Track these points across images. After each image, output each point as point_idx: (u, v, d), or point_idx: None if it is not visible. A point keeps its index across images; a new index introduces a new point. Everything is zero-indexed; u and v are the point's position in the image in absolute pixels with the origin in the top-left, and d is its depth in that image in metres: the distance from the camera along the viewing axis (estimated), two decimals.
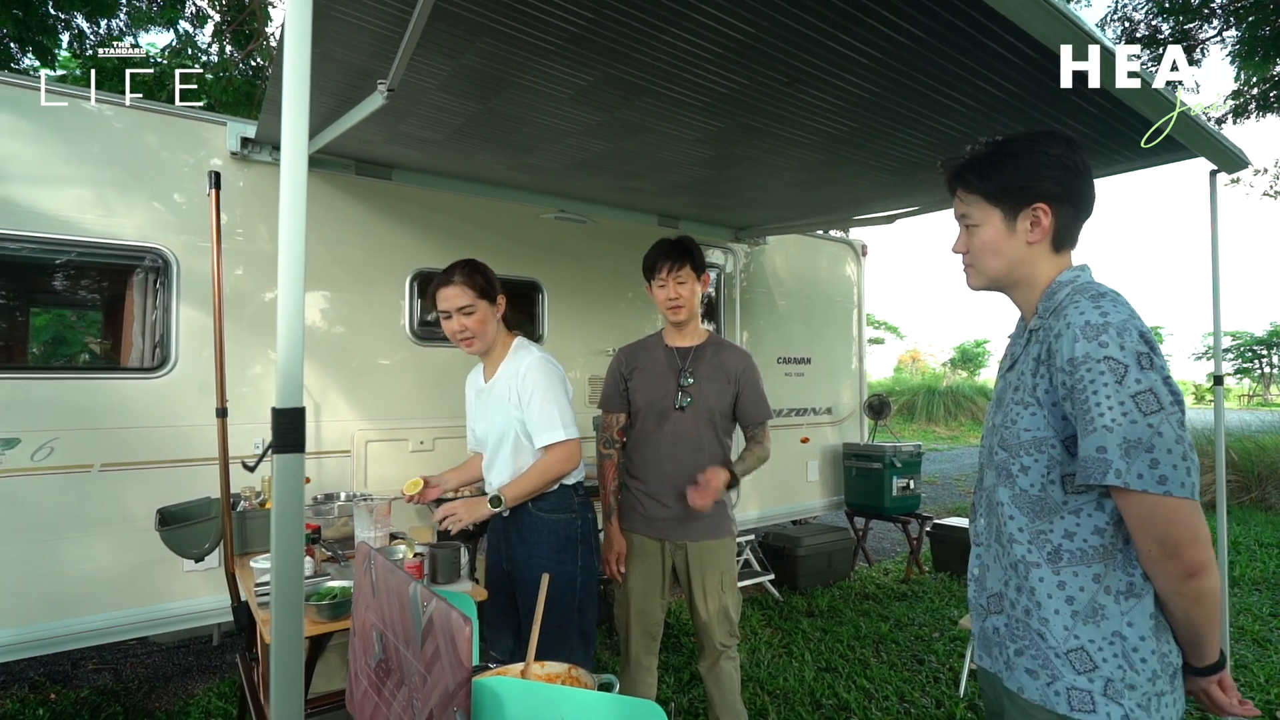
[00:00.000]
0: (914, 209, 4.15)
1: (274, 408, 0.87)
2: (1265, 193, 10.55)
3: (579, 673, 1.29)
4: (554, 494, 2.06)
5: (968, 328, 67.25)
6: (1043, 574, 1.11)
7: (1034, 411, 1.11)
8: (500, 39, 2.13)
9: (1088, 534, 1.09)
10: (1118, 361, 1.00)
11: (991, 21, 1.98)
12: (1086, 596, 1.08)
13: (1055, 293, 1.16)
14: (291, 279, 0.89)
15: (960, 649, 3.65)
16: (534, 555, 2.01)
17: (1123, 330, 1.02)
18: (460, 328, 2.04)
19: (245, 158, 3.20)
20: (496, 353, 2.13)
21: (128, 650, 3.85)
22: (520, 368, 2.04)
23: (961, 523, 5.33)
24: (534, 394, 2.01)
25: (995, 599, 1.22)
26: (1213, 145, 2.85)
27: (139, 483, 2.96)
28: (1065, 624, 1.09)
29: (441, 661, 1.02)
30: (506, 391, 2.05)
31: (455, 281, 2.03)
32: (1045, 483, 1.11)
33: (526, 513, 2.04)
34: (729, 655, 2.30)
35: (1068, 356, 1.04)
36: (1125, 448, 0.98)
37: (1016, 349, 1.23)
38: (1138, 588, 1.07)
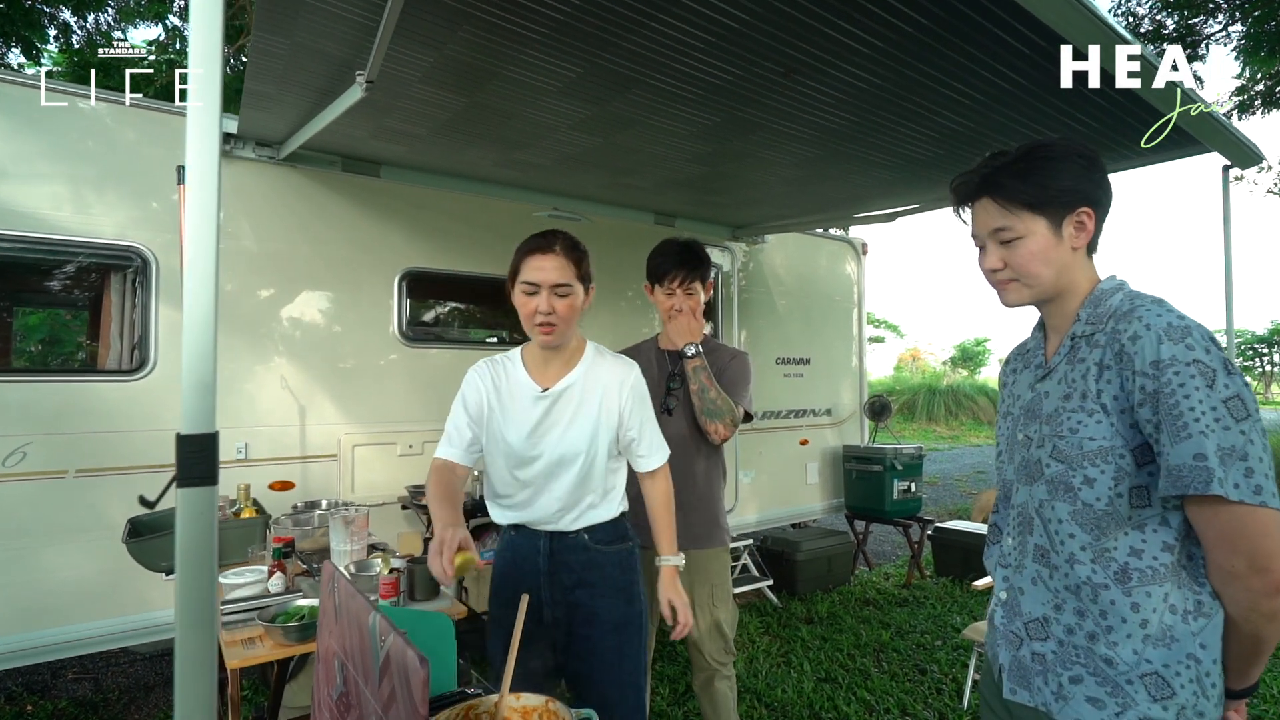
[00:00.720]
0: (915, 207, 4.06)
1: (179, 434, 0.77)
2: (1270, 190, 10.44)
3: (556, 706, 1.20)
4: (611, 523, 1.68)
5: (968, 326, 67.09)
6: (1113, 595, 1.04)
7: (1099, 419, 1.04)
8: (482, 27, 2.03)
9: (1156, 551, 1.02)
10: (1206, 365, 0.96)
11: (1000, 8, 1.88)
12: (1158, 618, 1.02)
13: (1102, 299, 1.12)
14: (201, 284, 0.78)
15: (963, 658, 3.56)
16: (598, 596, 1.65)
17: (1205, 335, 0.99)
18: (548, 309, 1.55)
19: (228, 154, 3.11)
20: (567, 353, 1.67)
21: (109, 660, 3.76)
22: (624, 377, 1.67)
23: (964, 526, 5.23)
24: (644, 408, 1.69)
25: (1038, 625, 1.13)
26: (1228, 140, 2.75)
27: (117, 489, 2.86)
28: (1135, 648, 1.03)
29: (397, 706, 0.93)
30: (597, 401, 1.63)
31: (556, 251, 1.58)
32: (1113, 496, 1.04)
33: (583, 547, 1.64)
34: (723, 674, 2.20)
35: (1151, 359, 0.99)
36: (1221, 455, 0.93)
37: (1054, 360, 1.16)
38: (1207, 606, 1.01)
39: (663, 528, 1.74)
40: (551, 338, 1.59)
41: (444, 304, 4.00)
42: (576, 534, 1.64)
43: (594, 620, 1.63)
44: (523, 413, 1.63)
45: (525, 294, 1.59)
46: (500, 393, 1.66)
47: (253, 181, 3.19)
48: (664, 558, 1.72)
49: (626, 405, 1.64)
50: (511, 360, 1.70)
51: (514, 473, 1.64)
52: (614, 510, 1.68)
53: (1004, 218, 1.13)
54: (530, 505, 1.64)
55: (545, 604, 1.63)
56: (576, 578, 1.64)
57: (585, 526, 1.64)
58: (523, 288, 1.59)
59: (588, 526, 1.64)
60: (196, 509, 0.81)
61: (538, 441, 1.61)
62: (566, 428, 1.61)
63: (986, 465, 11.63)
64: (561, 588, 1.64)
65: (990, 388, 19.30)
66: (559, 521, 1.63)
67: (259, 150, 3.17)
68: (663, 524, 1.74)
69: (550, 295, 1.56)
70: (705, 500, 2.18)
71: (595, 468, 1.63)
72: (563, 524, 1.63)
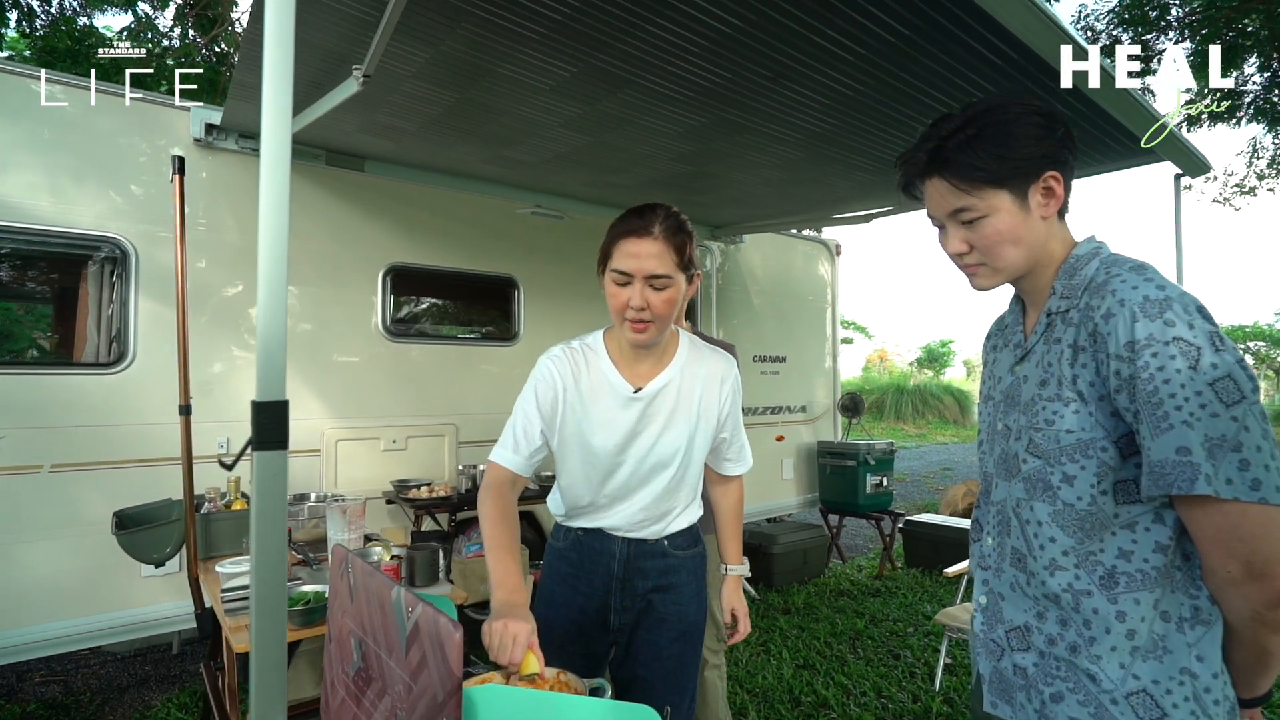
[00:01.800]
0: (890, 209, 4.20)
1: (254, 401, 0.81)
2: (1215, 199, 10.98)
3: (568, 677, 1.25)
4: (690, 528, 1.54)
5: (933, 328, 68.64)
6: (1097, 604, 0.92)
7: (1077, 408, 0.92)
8: (481, 25, 2.07)
9: (1148, 552, 0.90)
10: (1189, 343, 0.82)
11: (976, 21, 1.99)
12: (1147, 627, 0.90)
13: (1077, 268, 0.98)
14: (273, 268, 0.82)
15: (934, 644, 3.70)
16: (674, 600, 1.51)
17: (1187, 305, 0.84)
18: (640, 304, 1.32)
19: (210, 145, 3.08)
20: (660, 349, 1.45)
21: (79, 660, 3.67)
22: (724, 375, 1.48)
23: (934, 519, 5.41)
24: (738, 412, 1.52)
25: (1018, 634, 1.01)
26: (1180, 150, 2.92)
27: (93, 484, 2.82)
28: (1122, 661, 0.91)
29: (429, 670, 0.97)
30: (696, 401, 1.44)
31: (655, 234, 1.31)
32: (1095, 494, 0.92)
33: (662, 553, 1.49)
34: (713, 663, 2.24)
35: (1125, 340, 0.86)
36: (1209, 447, 0.81)
37: (1031, 340, 1.03)
38: (1204, 613, 0.89)
39: (731, 535, 1.66)
40: (644, 336, 1.35)
41: (428, 300, 4.00)
42: (657, 540, 1.48)
43: (664, 625, 1.51)
44: (610, 414, 1.41)
45: (616, 283, 1.34)
46: (581, 388, 1.43)
47: (235, 174, 3.16)
48: (732, 566, 1.66)
49: (726, 405, 1.48)
50: (594, 350, 1.46)
51: (594, 479, 1.45)
52: (696, 515, 1.55)
53: (961, 198, 0.99)
54: (609, 511, 1.46)
55: (614, 610, 1.50)
56: (653, 585, 1.49)
57: (668, 534, 1.49)
58: (613, 276, 1.34)
59: (670, 534, 1.49)
60: (271, 470, 0.85)
61: (626, 446, 1.41)
62: (661, 432, 1.41)
63: (953, 462, 11.97)
64: (634, 594, 1.48)
65: (955, 388, 19.83)
66: (642, 530, 1.47)
67: (242, 142, 3.14)
68: (732, 532, 1.66)
69: (645, 287, 1.31)
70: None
71: (689, 474, 1.47)
72: (646, 533, 1.47)
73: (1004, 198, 0.97)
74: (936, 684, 3.23)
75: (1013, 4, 1.83)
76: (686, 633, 1.52)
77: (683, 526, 1.51)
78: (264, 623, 0.85)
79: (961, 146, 0.97)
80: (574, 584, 1.50)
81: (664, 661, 1.51)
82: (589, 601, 1.49)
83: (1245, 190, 10.50)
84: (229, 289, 3.15)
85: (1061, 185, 0.98)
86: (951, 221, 1.02)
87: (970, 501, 6.29)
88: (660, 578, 1.49)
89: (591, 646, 1.52)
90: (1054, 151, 0.97)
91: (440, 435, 3.74)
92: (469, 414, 3.83)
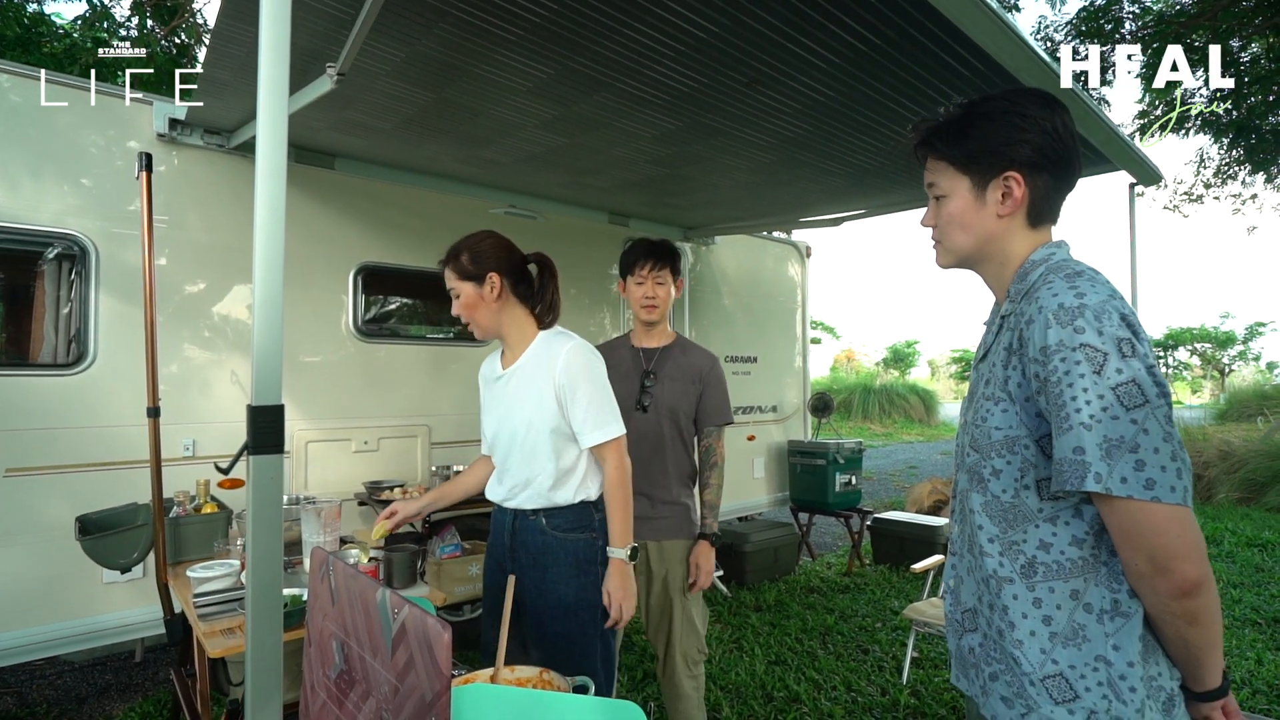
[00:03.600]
0: (860, 212, 4.28)
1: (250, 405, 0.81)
2: (1165, 206, 11.44)
3: (551, 676, 1.26)
4: (573, 510, 1.74)
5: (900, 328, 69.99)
6: (1016, 590, 0.98)
7: (1005, 408, 0.98)
8: (459, 26, 2.06)
9: (1064, 545, 0.96)
10: (1095, 349, 0.87)
11: (944, 33, 2.05)
12: (1064, 615, 0.96)
13: (1028, 273, 1.02)
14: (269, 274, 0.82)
15: (902, 638, 3.79)
16: (549, 580, 1.73)
17: (1100, 313, 0.89)
18: (457, 313, 1.80)
19: (173, 140, 3.00)
20: (514, 338, 1.81)
21: (33, 671, 3.55)
22: (557, 353, 1.73)
23: (901, 516, 5.54)
24: (580, 383, 1.71)
25: (970, 615, 1.09)
26: (1134, 159, 3.05)
27: (51, 489, 2.72)
28: (1042, 646, 0.97)
29: (416, 670, 0.98)
30: (534, 381, 1.74)
31: (445, 265, 1.83)
32: (1018, 488, 0.98)
33: (540, 531, 1.73)
34: (691, 673, 2.22)
35: (1040, 345, 0.91)
36: (1106, 448, 0.86)
37: (989, 337, 1.09)
38: (1124, 606, 0.94)
39: (613, 516, 1.74)
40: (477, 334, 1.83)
41: (400, 299, 3.96)
42: (536, 516, 1.74)
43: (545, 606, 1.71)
44: (488, 396, 1.88)
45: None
46: (487, 381, 1.91)
47: (200, 170, 3.09)
48: (610, 548, 1.74)
49: (560, 377, 1.70)
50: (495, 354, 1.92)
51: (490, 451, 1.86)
52: (577, 497, 1.74)
53: (932, 172, 1.08)
54: (499, 481, 1.82)
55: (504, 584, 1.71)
56: (530, 560, 1.74)
57: (546, 509, 1.73)
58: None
59: (545, 509, 1.73)
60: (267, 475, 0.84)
61: (496, 420, 1.82)
62: (514, 407, 1.76)
63: (919, 461, 12.24)
64: (517, 567, 1.74)
65: (921, 388, 20.27)
66: (518, 497, 1.75)
67: (207, 138, 3.07)
68: (612, 512, 1.74)
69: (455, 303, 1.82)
70: (680, 496, 2.27)
71: (540, 443, 1.71)
72: (522, 501, 1.75)
73: (964, 183, 1.04)
74: (904, 677, 3.32)
75: (978, 17, 1.90)
76: (571, 611, 1.71)
77: (559, 503, 1.73)
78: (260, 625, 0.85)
79: (944, 128, 1.05)
80: (491, 553, 1.86)
81: (550, 637, 1.71)
82: (494, 568, 1.83)
83: (1194, 198, 10.96)
84: (191, 287, 3.07)
85: (1022, 188, 1.01)
86: (929, 194, 1.10)
87: (936, 499, 6.46)
88: (539, 555, 1.73)
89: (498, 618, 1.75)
90: (1020, 154, 1.00)
91: (413, 436, 3.70)
92: (442, 415, 3.80)
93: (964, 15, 1.87)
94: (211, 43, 2.29)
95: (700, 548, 2.21)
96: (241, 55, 2.33)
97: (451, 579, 2.05)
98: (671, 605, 2.21)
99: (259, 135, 0.90)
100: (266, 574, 0.85)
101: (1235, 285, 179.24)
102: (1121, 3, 8.89)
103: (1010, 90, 1.06)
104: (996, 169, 1.01)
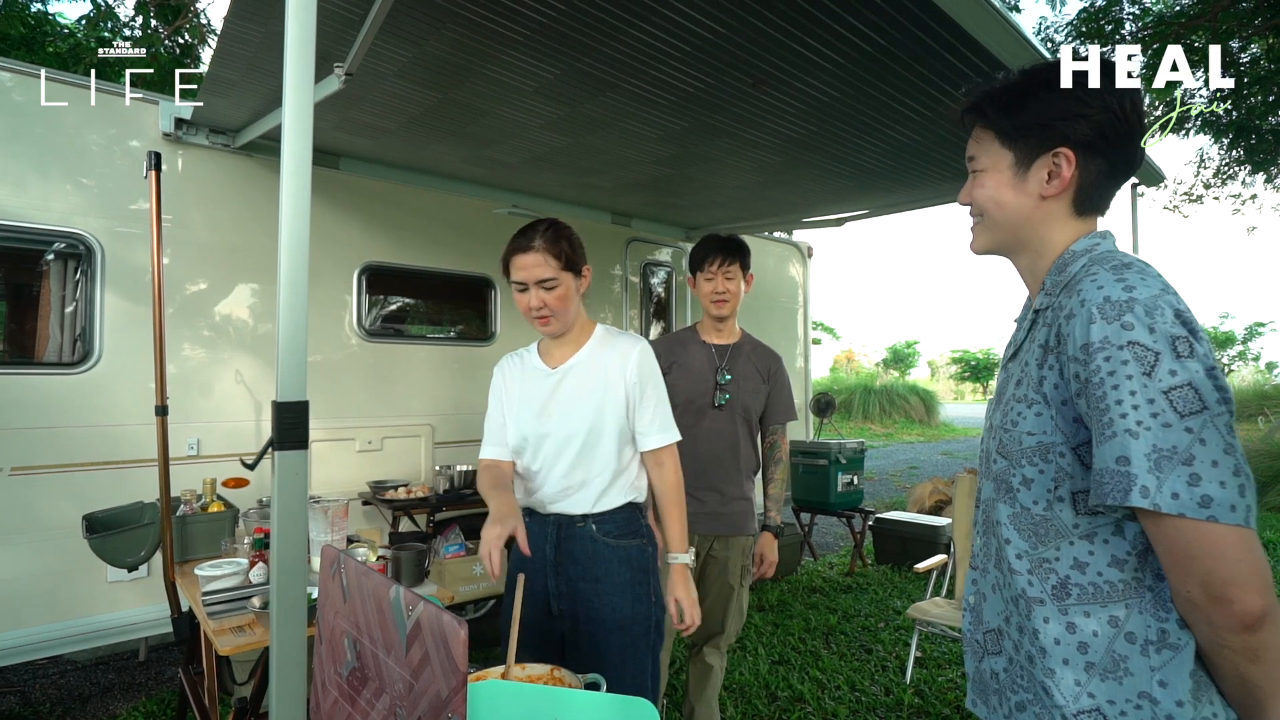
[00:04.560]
0: (863, 212, 4.29)
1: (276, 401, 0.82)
2: (1165, 206, 11.46)
3: (562, 673, 1.27)
4: (622, 515, 1.63)
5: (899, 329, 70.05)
6: (1047, 612, 0.89)
7: (1039, 411, 0.89)
8: (467, 26, 2.07)
9: (1103, 566, 0.86)
10: (1145, 348, 0.77)
11: (949, 33, 2.06)
12: (1102, 644, 0.86)
13: (1068, 264, 0.93)
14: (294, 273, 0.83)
15: (905, 638, 3.80)
16: (603, 592, 1.61)
17: (1152, 308, 0.79)
18: (538, 304, 1.59)
19: (179, 140, 3.01)
20: (573, 335, 1.69)
21: (36, 670, 3.55)
22: (627, 352, 1.64)
23: (902, 516, 5.54)
24: (649, 385, 1.64)
25: (993, 636, 1.00)
26: None
27: (56, 487, 2.73)
28: (1077, 678, 0.86)
29: (431, 667, 0.98)
30: (597, 378, 1.63)
31: (534, 248, 1.59)
32: (1051, 500, 0.88)
33: (590, 538, 1.61)
34: (722, 650, 2.34)
35: (1081, 342, 0.82)
36: (1155, 458, 0.76)
37: (1020, 334, 1.00)
38: (1173, 637, 0.83)
39: (670, 519, 1.67)
40: (550, 328, 1.63)
41: (404, 299, 3.96)
42: (585, 523, 1.61)
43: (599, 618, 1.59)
44: (531, 392, 1.67)
45: (517, 292, 1.63)
46: (515, 380, 1.72)
47: (206, 169, 3.09)
48: (671, 554, 1.66)
49: (631, 375, 1.62)
50: (529, 350, 1.76)
51: (527, 449, 1.65)
52: (626, 498, 1.64)
53: (973, 145, 0.98)
54: (539, 483, 1.64)
55: (552, 595, 1.62)
56: (580, 571, 1.61)
57: (595, 514, 1.61)
58: (514, 286, 1.63)
59: (596, 514, 1.61)
60: (292, 470, 0.85)
61: (543, 416, 1.63)
62: (572, 405, 1.62)
63: (919, 461, 12.25)
64: (566, 579, 1.61)
65: (921, 389, 20.28)
66: (566, 501, 1.62)
67: (213, 137, 3.08)
68: (671, 515, 1.67)
69: (538, 290, 1.60)
70: (748, 491, 2.32)
71: (602, 442, 1.61)
72: (570, 505, 1.61)
73: (1006, 158, 0.94)
74: (908, 676, 3.32)
75: (983, 18, 1.91)
76: (625, 626, 1.59)
77: (611, 506, 1.61)
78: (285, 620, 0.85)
79: (994, 94, 0.95)
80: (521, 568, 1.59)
81: (603, 653, 1.58)
82: (532, 585, 1.58)
83: (1193, 198, 10.98)
84: (195, 286, 3.08)
85: (1072, 168, 0.91)
86: (969, 169, 1.00)
87: (937, 499, 6.46)
88: (590, 565, 1.60)
89: (543, 632, 1.63)
90: (1075, 130, 0.90)
91: (416, 436, 3.71)
92: (445, 414, 3.81)
93: (969, 16, 1.88)
94: (219, 42, 2.29)
95: (765, 539, 2.29)
96: (249, 55, 2.34)
97: (455, 578, 2.05)
98: (730, 594, 2.28)
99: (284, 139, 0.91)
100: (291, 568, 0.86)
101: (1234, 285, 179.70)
102: (1121, 4, 8.91)
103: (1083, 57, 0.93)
104: (1047, 144, 0.91)
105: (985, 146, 0.96)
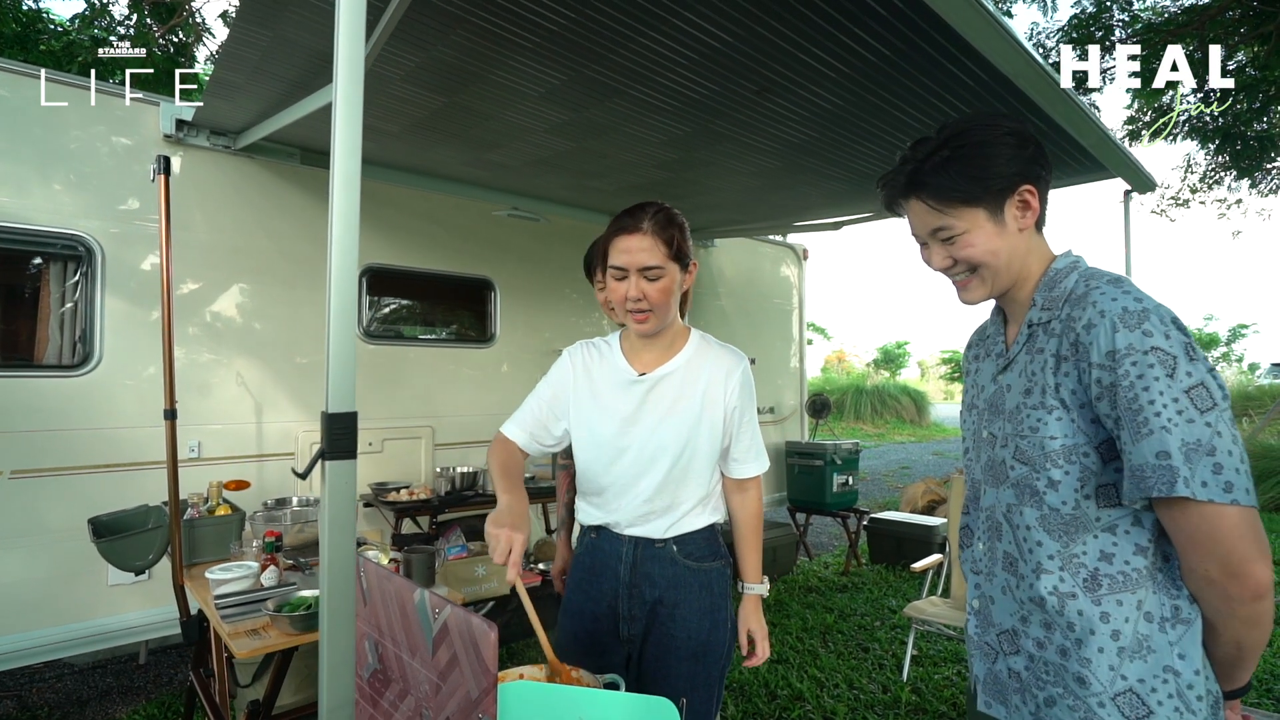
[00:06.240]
0: (861, 216, 4.34)
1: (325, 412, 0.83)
2: (1153, 210, 11.61)
3: (581, 673, 1.29)
4: (703, 535, 1.48)
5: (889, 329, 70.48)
6: (1082, 605, 0.96)
7: (1060, 415, 0.96)
8: (476, 32, 2.08)
9: (1129, 554, 0.94)
10: (1166, 353, 0.87)
11: (951, 44, 2.10)
12: (1130, 628, 0.93)
13: (1058, 280, 1.02)
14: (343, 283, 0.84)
15: (901, 636, 3.84)
16: (679, 617, 1.47)
17: (1164, 317, 0.89)
18: (637, 295, 1.39)
19: (180, 141, 3.00)
20: (666, 337, 1.49)
21: (33, 674, 3.52)
22: (731, 369, 1.48)
23: (896, 516, 5.59)
24: (749, 408, 1.50)
25: (1008, 637, 1.05)
26: (1129, 166, 3.12)
27: (57, 491, 2.72)
28: (1111, 663, 0.94)
29: (460, 669, 1.00)
30: (696, 392, 1.45)
31: (643, 230, 1.38)
32: (1079, 498, 0.96)
33: (670, 560, 1.46)
34: None
35: (1106, 349, 0.90)
36: (1186, 451, 0.84)
37: (1014, 350, 1.07)
38: (1184, 612, 0.93)
39: (748, 549, 1.56)
40: (647, 325, 1.42)
41: (404, 301, 3.97)
42: (665, 544, 1.46)
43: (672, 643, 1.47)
44: (614, 399, 1.47)
45: (613, 278, 1.42)
46: (592, 377, 1.50)
47: (207, 171, 3.09)
48: (748, 584, 1.55)
49: (733, 397, 1.46)
50: (609, 344, 1.54)
51: (601, 461, 1.47)
52: (710, 520, 1.51)
53: (939, 217, 1.03)
54: (617, 501, 1.47)
55: (623, 618, 1.48)
56: (659, 594, 1.47)
57: (677, 536, 1.47)
58: (611, 272, 1.42)
59: (677, 536, 1.47)
60: (342, 479, 0.86)
61: (628, 429, 1.44)
62: (664, 417, 1.44)
63: (911, 461, 12.34)
64: (641, 602, 1.47)
65: (912, 389, 20.41)
66: (647, 524, 1.46)
67: (214, 139, 3.08)
68: (749, 545, 1.56)
69: (639, 279, 1.39)
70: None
71: (695, 464, 1.45)
72: (652, 529, 1.46)
73: (979, 215, 1.01)
74: (904, 674, 3.37)
75: (983, 28, 1.94)
76: (698, 654, 1.47)
77: (693, 528, 1.47)
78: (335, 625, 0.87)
79: (937, 168, 1.01)
80: (587, 589, 1.51)
81: (672, 681, 1.46)
82: (599, 606, 1.49)
83: (1180, 203, 11.13)
84: (194, 288, 3.07)
85: (1036, 198, 1.02)
86: (933, 239, 1.06)
87: (930, 499, 6.52)
88: (668, 589, 1.46)
89: (606, 655, 1.50)
90: (1026, 168, 1.01)
91: (417, 437, 3.71)
92: (446, 415, 3.82)
93: (970, 26, 1.92)
94: (225, 45, 2.30)
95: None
96: (256, 59, 2.34)
97: (458, 580, 2.07)
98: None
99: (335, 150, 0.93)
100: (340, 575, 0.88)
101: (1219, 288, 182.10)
102: (1111, 10, 9.02)
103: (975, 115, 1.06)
104: (1011, 188, 1.01)
105: (952, 214, 1.02)
